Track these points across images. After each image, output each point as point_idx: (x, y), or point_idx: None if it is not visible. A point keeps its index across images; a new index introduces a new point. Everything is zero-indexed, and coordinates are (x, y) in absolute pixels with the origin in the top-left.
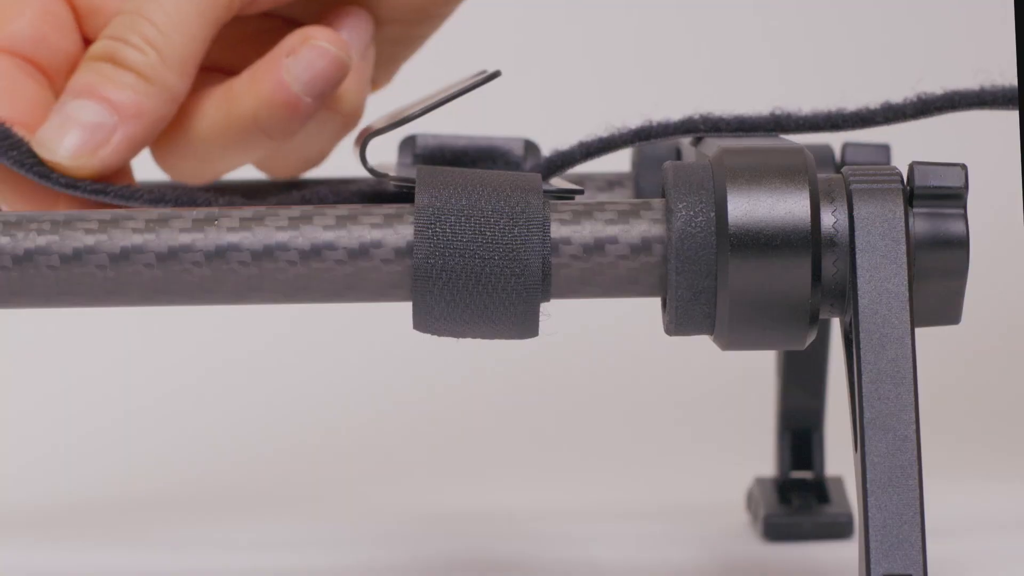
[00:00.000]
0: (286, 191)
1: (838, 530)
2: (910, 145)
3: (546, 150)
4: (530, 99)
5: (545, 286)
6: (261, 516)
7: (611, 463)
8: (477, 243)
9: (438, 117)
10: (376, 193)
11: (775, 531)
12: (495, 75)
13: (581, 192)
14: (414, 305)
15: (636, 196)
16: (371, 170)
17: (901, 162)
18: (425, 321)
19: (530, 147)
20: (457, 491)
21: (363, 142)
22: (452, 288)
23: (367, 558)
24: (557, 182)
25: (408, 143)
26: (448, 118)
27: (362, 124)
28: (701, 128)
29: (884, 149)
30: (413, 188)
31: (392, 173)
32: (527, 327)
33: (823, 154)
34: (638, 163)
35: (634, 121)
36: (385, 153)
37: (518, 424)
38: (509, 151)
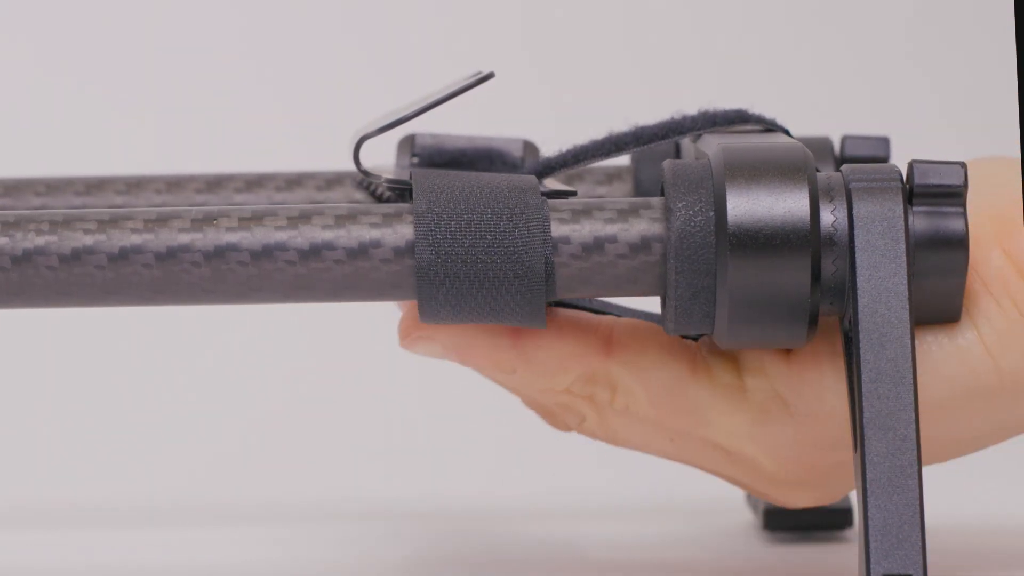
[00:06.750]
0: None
1: (837, 520)
2: (910, 143)
3: (545, 151)
4: (529, 99)
5: (549, 284)
6: (260, 515)
7: (611, 462)
8: (479, 247)
9: (437, 118)
10: None
11: (775, 522)
12: (488, 76)
13: (574, 194)
14: (420, 309)
15: (635, 189)
16: (364, 172)
17: (901, 160)
18: (432, 320)
19: (529, 148)
20: (455, 489)
21: (356, 145)
22: (457, 293)
23: (366, 557)
24: (550, 183)
25: (406, 143)
26: (447, 119)
27: (358, 127)
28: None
29: (884, 142)
30: (407, 190)
31: (388, 174)
32: (534, 322)
33: (822, 146)
34: (637, 156)
35: (625, 125)
36: (383, 154)
37: (517, 422)
38: (508, 152)
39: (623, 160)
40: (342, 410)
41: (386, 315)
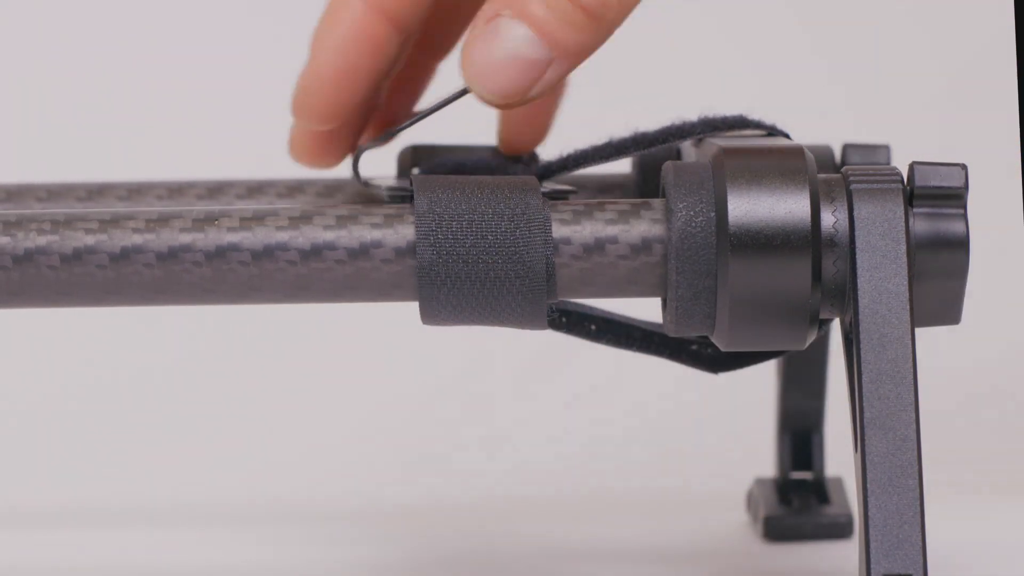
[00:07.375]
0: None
1: (838, 530)
2: (910, 145)
3: (545, 159)
4: None
5: (550, 285)
6: (260, 515)
7: (610, 462)
8: (480, 247)
9: (439, 126)
10: None
11: (775, 531)
12: None
13: (575, 192)
14: (421, 309)
15: (637, 197)
16: (365, 182)
17: (901, 162)
18: (433, 321)
19: (529, 156)
20: (452, 490)
21: (355, 157)
22: (458, 293)
23: (366, 557)
24: (549, 185)
25: (406, 154)
26: (449, 127)
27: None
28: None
29: (885, 150)
30: (408, 195)
31: (389, 183)
32: (535, 323)
33: (823, 155)
34: (639, 164)
35: (626, 131)
36: (383, 166)
37: (516, 422)
38: (508, 161)
39: (625, 168)
40: (342, 410)
41: (386, 315)
